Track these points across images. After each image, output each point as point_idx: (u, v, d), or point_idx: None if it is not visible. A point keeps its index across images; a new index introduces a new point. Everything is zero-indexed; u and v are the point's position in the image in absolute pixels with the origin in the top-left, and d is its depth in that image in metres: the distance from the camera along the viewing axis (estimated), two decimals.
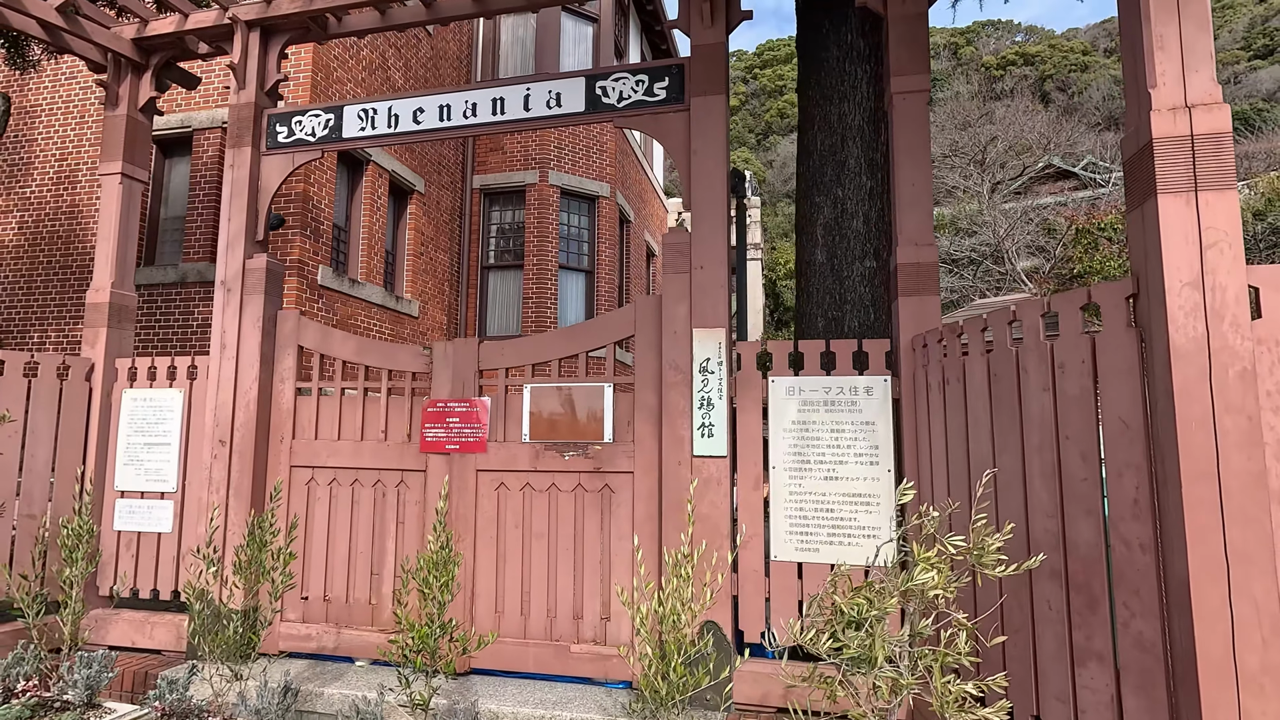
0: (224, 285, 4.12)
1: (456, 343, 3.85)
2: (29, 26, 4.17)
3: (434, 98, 4.02)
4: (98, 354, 4.30)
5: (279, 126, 4.25)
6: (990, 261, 25.18)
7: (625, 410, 3.62)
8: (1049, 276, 23.31)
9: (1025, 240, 24.14)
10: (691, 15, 3.62)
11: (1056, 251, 23.20)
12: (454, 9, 4.21)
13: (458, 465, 3.74)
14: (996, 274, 24.31)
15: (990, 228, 24.14)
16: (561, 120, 3.83)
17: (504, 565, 3.65)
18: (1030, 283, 23.50)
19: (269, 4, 4.18)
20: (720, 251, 3.44)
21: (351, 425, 3.99)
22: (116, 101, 4.50)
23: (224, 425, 4.00)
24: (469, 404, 3.78)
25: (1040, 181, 35.31)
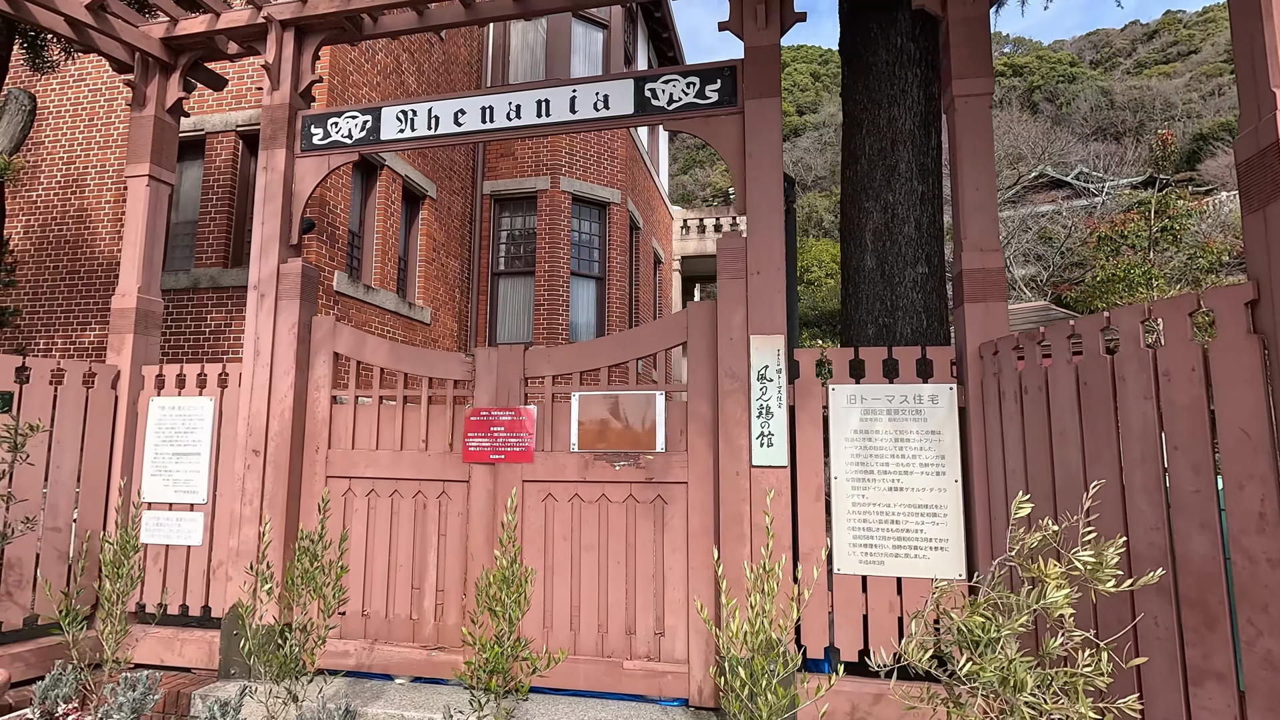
0: (257, 290, 4.01)
1: (500, 349, 3.75)
2: (56, 24, 4.06)
3: (476, 99, 3.93)
4: (124, 361, 4.17)
5: (314, 128, 4.15)
6: None
7: (677, 419, 3.53)
8: (1048, 284, 23.46)
9: (1022, 248, 24.28)
10: (744, 17, 3.55)
11: (1054, 259, 23.37)
12: (494, 9, 4.13)
13: (503, 476, 3.64)
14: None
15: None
16: (609, 123, 3.75)
17: (552, 579, 3.54)
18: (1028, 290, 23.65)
19: (305, 3, 4.09)
20: (777, 256, 3.37)
21: (390, 434, 3.88)
22: (144, 102, 4.39)
23: (258, 434, 3.88)
24: (514, 412, 3.68)
25: (1034, 191, 35.65)
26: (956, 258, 3.23)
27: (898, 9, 3.93)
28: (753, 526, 3.23)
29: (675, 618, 3.38)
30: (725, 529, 3.26)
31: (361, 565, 3.80)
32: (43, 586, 3.67)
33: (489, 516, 3.64)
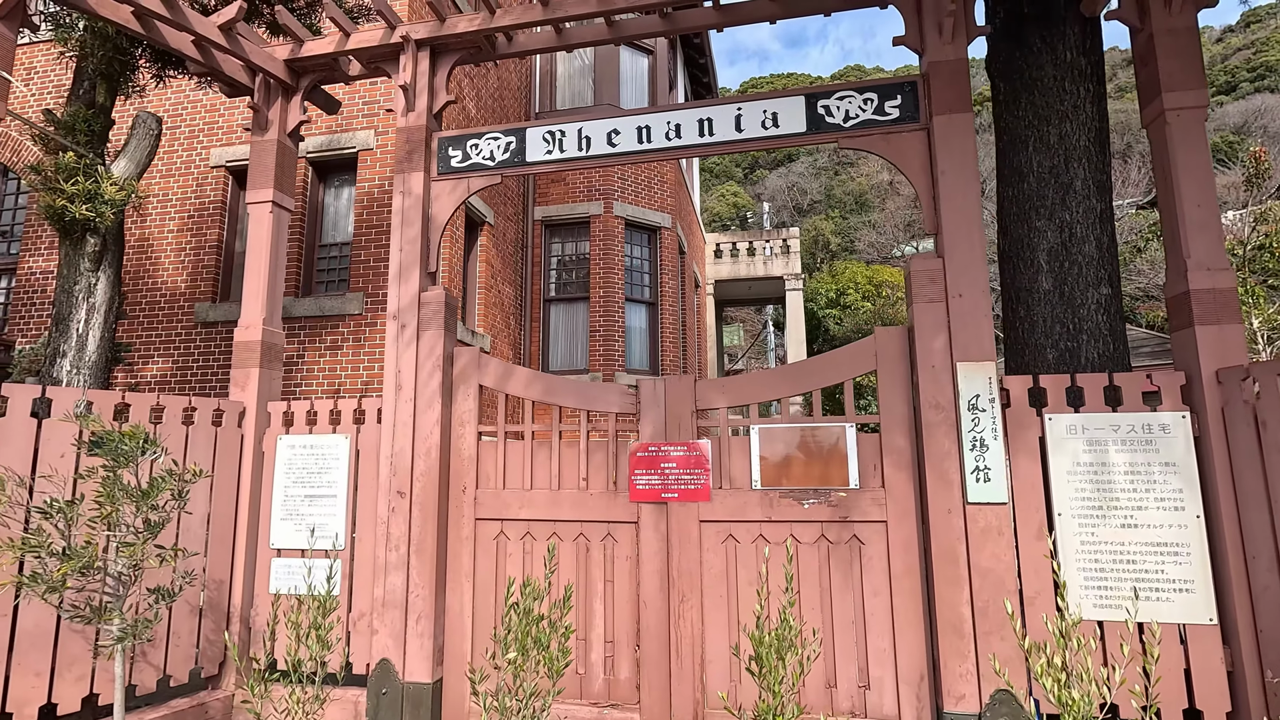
0: (396, 320, 3.79)
1: (669, 380, 3.53)
2: (183, 45, 3.88)
3: (631, 119, 3.76)
4: (249, 397, 3.92)
5: (451, 150, 3.96)
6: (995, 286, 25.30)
7: (869, 453, 3.30)
8: None
9: None
10: (925, 32, 3.41)
11: None
12: (637, 28, 3.99)
13: (676, 515, 3.39)
14: None
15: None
16: (778, 141, 3.58)
17: (738, 628, 3.28)
18: None
19: (442, 23, 3.94)
20: (980, 278, 3.18)
21: (544, 472, 3.64)
22: (265, 126, 4.20)
23: (402, 474, 3.63)
24: (687, 447, 3.44)
25: None
26: (1176, 278, 3.05)
27: (1064, 24, 3.80)
28: (971, 568, 2.99)
29: (881, 668, 3.12)
30: (939, 571, 3.02)
31: None
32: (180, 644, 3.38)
33: (661, 560, 3.39)
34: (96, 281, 3.78)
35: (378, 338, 6.65)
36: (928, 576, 3.11)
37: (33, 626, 2.99)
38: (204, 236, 7.31)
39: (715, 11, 3.84)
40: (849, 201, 45.94)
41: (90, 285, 3.75)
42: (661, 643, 3.32)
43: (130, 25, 3.64)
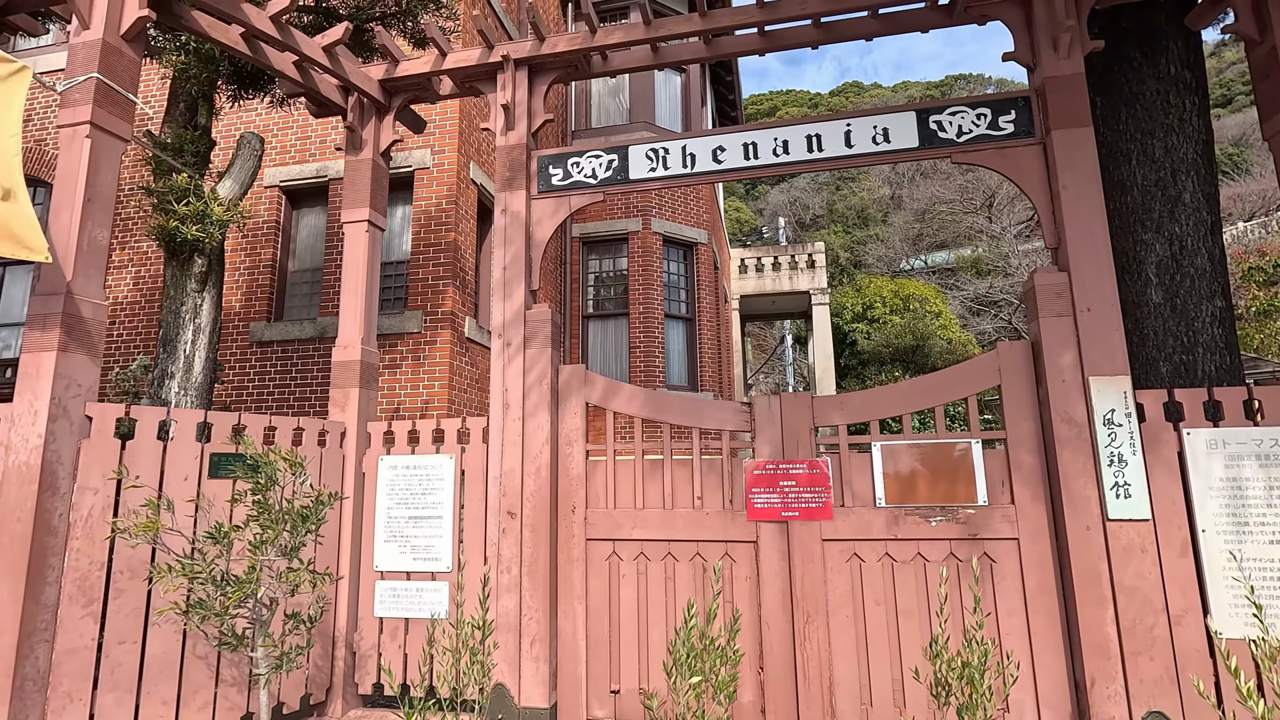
0: (501, 338, 3.77)
1: (784, 396, 3.50)
2: (285, 66, 3.90)
3: (736, 135, 3.76)
4: (349, 417, 3.88)
5: (551, 168, 3.96)
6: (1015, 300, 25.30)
7: (995, 469, 3.26)
8: None
9: None
10: (1039, 48, 3.42)
11: None
12: (734, 46, 4.00)
13: (799, 534, 3.35)
14: None
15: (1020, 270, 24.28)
16: (889, 157, 3.58)
17: (867, 649, 3.22)
18: None
19: (542, 41, 3.95)
20: (1110, 292, 3.15)
21: (656, 491, 3.59)
22: (360, 146, 4.21)
23: (512, 495, 3.58)
24: (807, 465, 3.40)
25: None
26: None
27: (1165, 38, 3.81)
28: (1115, 587, 2.94)
29: (1021, 690, 3.06)
30: (1080, 590, 2.96)
31: (636, 636, 3.46)
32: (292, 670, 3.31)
33: (783, 580, 3.33)
34: (202, 302, 3.76)
35: (437, 355, 6.62)
36: (1065, 595, 3.06)
37: (161, 654, 2.93)
38: (258, 256, 7.31)
39: (815, 29, 3.86)
40: (851, 216, 46.18)
41: (196, 306, 3.74)
42: (786, 665, 3.25)
43: (237, 47, 3.65)
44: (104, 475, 2.85)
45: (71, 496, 2.78)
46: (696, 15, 3.80)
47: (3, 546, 2.65)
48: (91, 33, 3.03)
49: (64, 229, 2.89)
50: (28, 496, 2.66)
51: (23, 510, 2.65)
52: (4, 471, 2.71)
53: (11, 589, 2.60)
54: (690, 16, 3.81)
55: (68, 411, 2.79)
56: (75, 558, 2.76)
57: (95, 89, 2.96)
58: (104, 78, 2.99)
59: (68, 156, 2.96)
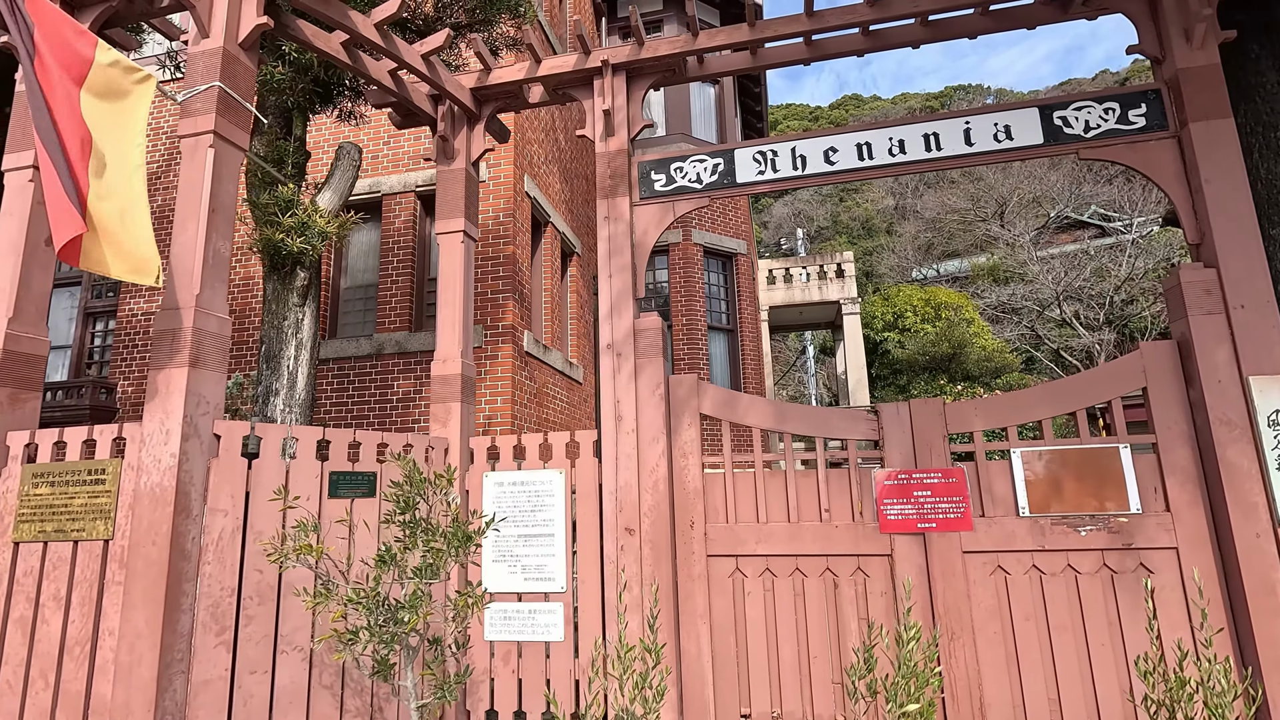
0: (611, 349, 3.65)
1: (914, 404, 3.37)
2: (381, 75, 3.82)
3: (849, 135, 3.67)
4: (451, 433, 3.77)
5: (654, 174, 3.87)
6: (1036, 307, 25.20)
7: (1146, 474, 3.12)
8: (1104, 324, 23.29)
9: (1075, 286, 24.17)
10: (1170, 39, 3.32)
11: (1110, 296, 23.26)
12: (836, 46, 3.92)
13: (936, 547, 3.20)
14: (1053, 321, 24.28)
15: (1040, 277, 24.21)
16: (1012, 155, 3.48)
17: (1018, 668, 3.06)
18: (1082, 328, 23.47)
19: (641, 46, 3.87)
20: (1264, 288, 3.03)
21: (779, 504, 3.45)
22: (452, 155, 4.12)
23: (629, 510, 3.45)
24: (942, 474, 3.27)
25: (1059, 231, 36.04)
26: None
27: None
28: None
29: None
30: (1253, 602, 2.81)
31: (765, 657, 3.31)
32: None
33: (922, 595, 3.19)
34: (303, 317, 3.67)
35: (499, 370, 6.51)
36: (1233, 608, 2.91)
37: (289, 684, 2.79)
38: None
39: (922, 28, 3.78)
40: (856, 228, 46.25)
41: (298, 321, 3.64)
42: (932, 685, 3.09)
43: (338, 56, 3.58)
44: (232, 496, 2.74)
45: (203, 519, 2.66)
46: (804, 15, 3.72)
47: (138, 573, 2.53)
48: (211, 41, 2.96)
49: (189, 241, 2.79)
50: (162, 520, 2.54)
51: (158, 534, 2.53)
52: (136, 494, 2.60)
53: (149, 618, 2.48)
54: (797, 17, 3.73)
55: (198, 430, 2.68)
56: (207, 583, 2.63)
57: (217, 98, 2.88)
58: (225, 86, 2.91)
59: (190, 167, 2.88)
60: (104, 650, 2.60)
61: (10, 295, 2.97)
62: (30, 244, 3.04)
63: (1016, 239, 31.71)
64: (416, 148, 7.24)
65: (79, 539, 2.69)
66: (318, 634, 2.89)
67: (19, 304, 2.98)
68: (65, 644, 2.64)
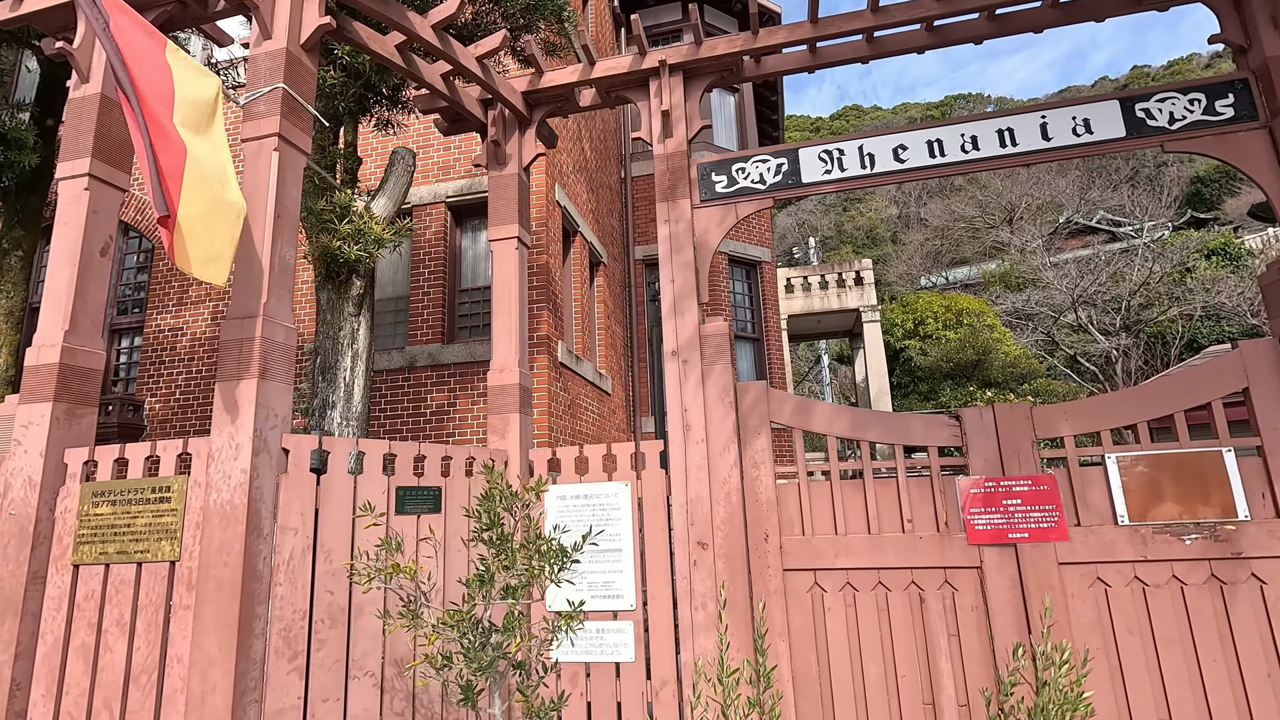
0: (676, 356, 3.53)
1: (999, 408, 3.23)
2: (434, 79, 3.73)
3: (919, 133, 3.56)
4: (510, 444, 3.64)
5: (714, 175, 3.76)
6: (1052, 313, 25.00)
7: (1253, 479, 2.97)
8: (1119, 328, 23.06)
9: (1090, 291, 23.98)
10: (1257, 27, 3.21)
11: (1128, 300, 23.06)
12: (898, 43, 3.81)
13: (1029, 558, 3.05)
14: (1068, 326, 24.07)
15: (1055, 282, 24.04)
16: (1093, 148, 3.36)
17: (1124, 684, 2.90)
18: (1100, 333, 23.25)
19: (699, 46, 3.78)
20: None
21: (858, 515, 3.31)
22: (504, 160, 4.02)
23: (701, 523, 3.31)
24: (1032, 481, 3.12)
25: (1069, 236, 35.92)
26: None
27: None
28: None
29: None
30: None
31: (849, 676, 3.15)
32: None
33: (1016, 609, 3.03)
34: (359, 327, 3.56)
35: (535, 381, 6.38)
36: None
37: (361, 712, 2.65)
38: None
39: (988, 22, 3.67)
40: (860, 237, 46.27)
41: (354, 331, 3.53)
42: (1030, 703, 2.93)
43: (393, 59, 3.49)
44: (302, 513, 2.61)
45: (274, 538, 2.53)
46: (867, 11, 3.62)
47: (209, 595, 2.39)
48: (273, 42, 2.87)
49: (256, 247, 2.68)
50: (234, 539, 2.41)
51: (229, 555, 2.40)
52: (205, 512, 2.47)
53: (222, 643, 2.34)
54: (860, 13, 3.64)
55: (268, 444, 2.55)
56: (279, 606, 2.50)
57: (281, 100, 2.79)
58: (289, 88, 2.82)
59: (254, 171, 2.77)
60: (172, 679, 2.46)
61: (66, 307, 2.86)
62: (85, 254, 2.94)
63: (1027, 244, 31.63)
64: (446, 158, 7.16)
65: (143, 560, 2.56)
66: (390, 657, 2.75)
67: (74, 316, 2.88)
68: (130, 672, 2.50)
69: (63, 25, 3.30)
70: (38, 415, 2.74)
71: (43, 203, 4.17)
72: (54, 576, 2.65)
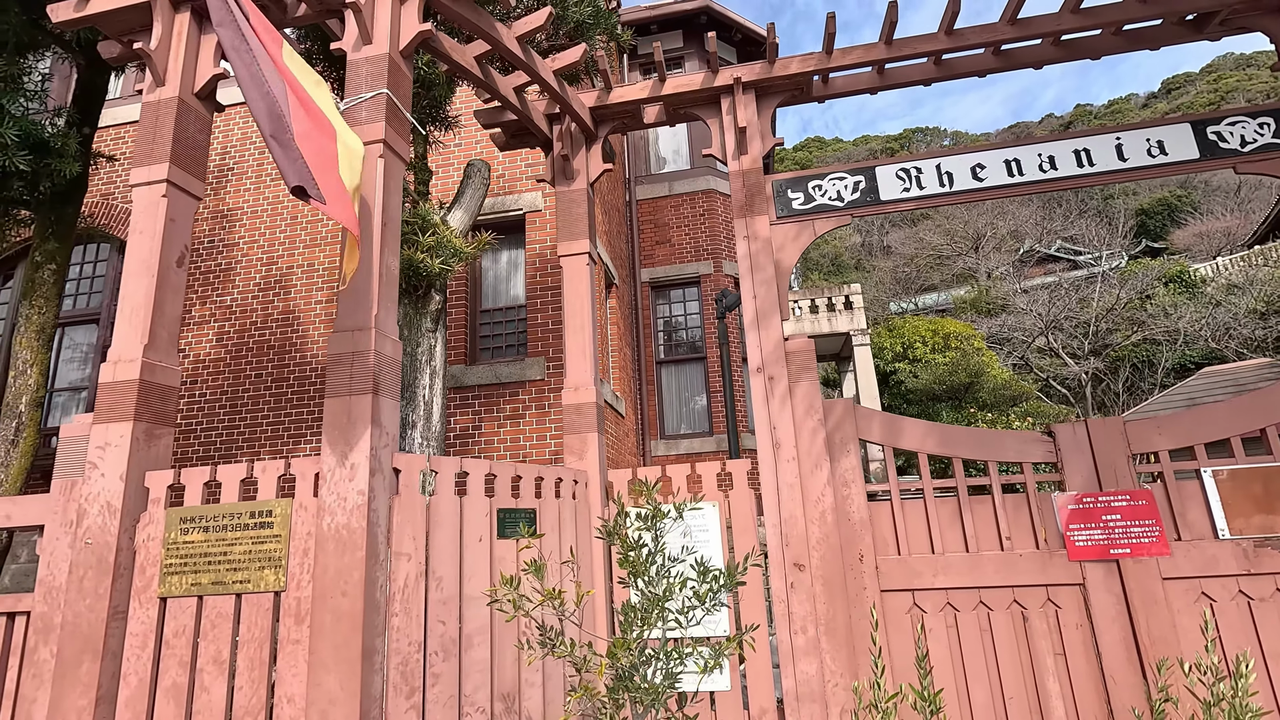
0: (762, 372, 3.47)
1: (1091, 422, 3.24)
2: (507, 91, 3.67)
3: (996, 152, 3.61)
4: (590, 465, 3.52)
5: (791, 192, 3.75)
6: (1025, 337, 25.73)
7: None
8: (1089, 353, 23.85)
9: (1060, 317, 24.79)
10: None
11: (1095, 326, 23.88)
12: (967, 65, 3.89)
13: (1133, 574, 3.03)
14: (1038, 350, 24.79)
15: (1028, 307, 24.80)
16: (1166, 170, 3.44)
17: None
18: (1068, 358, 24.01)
19: (772, 65, 3.79)
20: None
21: (954, 533, 3.26)
22: (572, 176, 3.96)
23: (796, 544, 3.23)
24: (1130, 495, 3.12)
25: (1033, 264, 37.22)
26: None
27: None
28: None
29: None
30: None
31: (956, 699, 3.08)
32: None
33: (1122, 627, 3.00)
34: (436, 343, 3.41)
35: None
36: None
37: None
38: None
39: (1053, 47, 3.77)
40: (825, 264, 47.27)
41: (431, 347, 3.38)
42: None
43: (472, 69, 3.42)
44: (414, 537, 2.45)
45: (388, 564, 2.37)
46: (940, 34, 3.68)
47: (325, 629, 2.22)
48: (374, 48, 2.77)
49: (362, 258, 2.55)
50: (352, 566, 2.25)
51: (349, 583, 2.24)
52: (317, 537, 2.30)
53: (344, 680, 2.17)
54: (933, 35, 3.70)
55: (381, 465, 2.40)
56: (396, 638, 2.33)
57: (386, 106, 2.69)
58: (392, 94, 2.72)
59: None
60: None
61: (145, 320, 2.68)
62: (163, 264, 2.77)
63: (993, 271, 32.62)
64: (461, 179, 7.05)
65: (242, 591, 2.37)
66: (497, 691, 2.59)
67: (153, 330, 2.70)
68: (232, 715, 2.29)
69: (128, 27, 3.15)
70: (116, 436, 2.54)
71: (76, 214, 3.94)
72: (137, 611, 2.43)
